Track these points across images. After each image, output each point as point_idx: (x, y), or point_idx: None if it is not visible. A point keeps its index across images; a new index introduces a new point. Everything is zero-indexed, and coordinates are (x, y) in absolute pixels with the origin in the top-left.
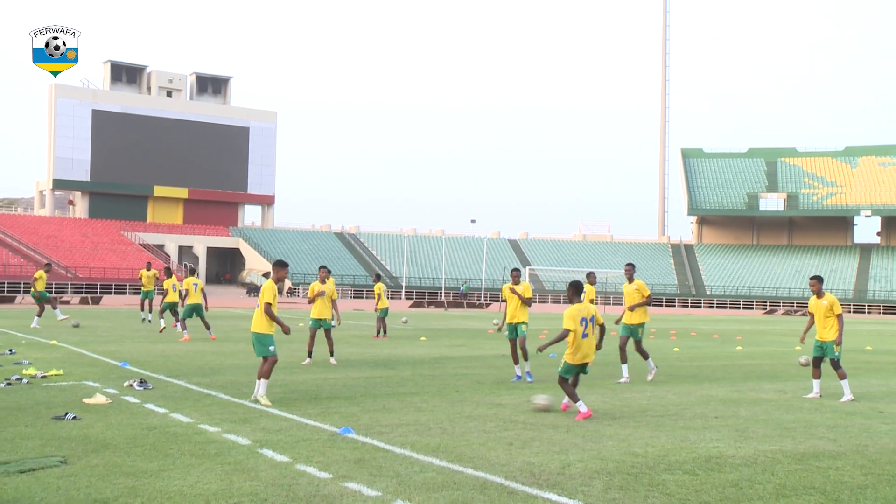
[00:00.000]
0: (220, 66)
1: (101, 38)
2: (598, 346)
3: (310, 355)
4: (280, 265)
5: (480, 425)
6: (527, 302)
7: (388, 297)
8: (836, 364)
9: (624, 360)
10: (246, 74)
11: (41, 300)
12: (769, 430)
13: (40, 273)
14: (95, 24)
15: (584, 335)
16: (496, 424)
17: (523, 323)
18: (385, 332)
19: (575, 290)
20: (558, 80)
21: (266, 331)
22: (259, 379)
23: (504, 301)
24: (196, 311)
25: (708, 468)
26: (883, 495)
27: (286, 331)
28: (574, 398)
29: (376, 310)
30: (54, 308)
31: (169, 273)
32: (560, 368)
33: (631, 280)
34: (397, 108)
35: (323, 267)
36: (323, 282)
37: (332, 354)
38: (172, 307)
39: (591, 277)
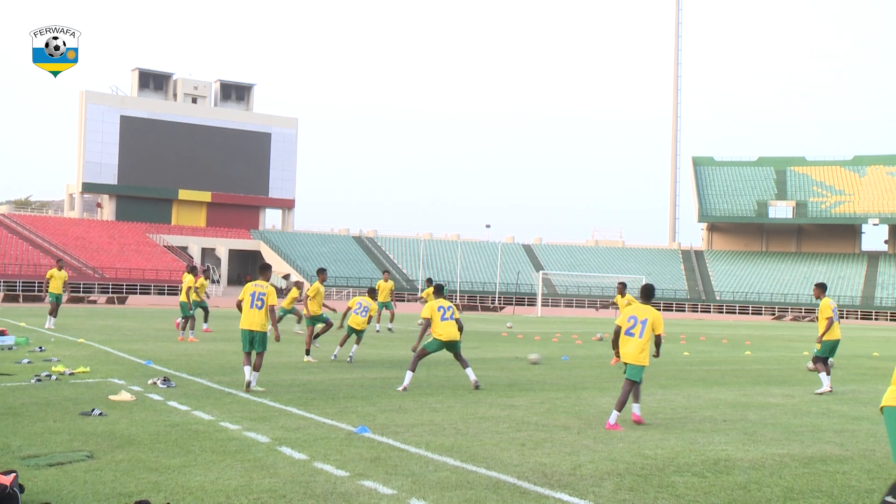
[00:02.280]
0: (243, 73)
1: (130, 46)
2: (655, 354)
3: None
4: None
5: (494, 426)
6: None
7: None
8: (816, 359)
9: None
10: (268, 82)
11: (57, 301)
12: (777, 434)
13: (52, 272)
14: (125, 33)
15: (629, 333)
16: (509, 425)
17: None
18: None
19: (643, 293)
20: (572, 89)
21: (267, 329)
22: (256, 371)
23: None
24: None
25: (716, 471)
26: None
27: (277, 338)
28: (618, 405)
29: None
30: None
31: (195, 272)
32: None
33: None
34: (415, 115)
35: (286, 276)
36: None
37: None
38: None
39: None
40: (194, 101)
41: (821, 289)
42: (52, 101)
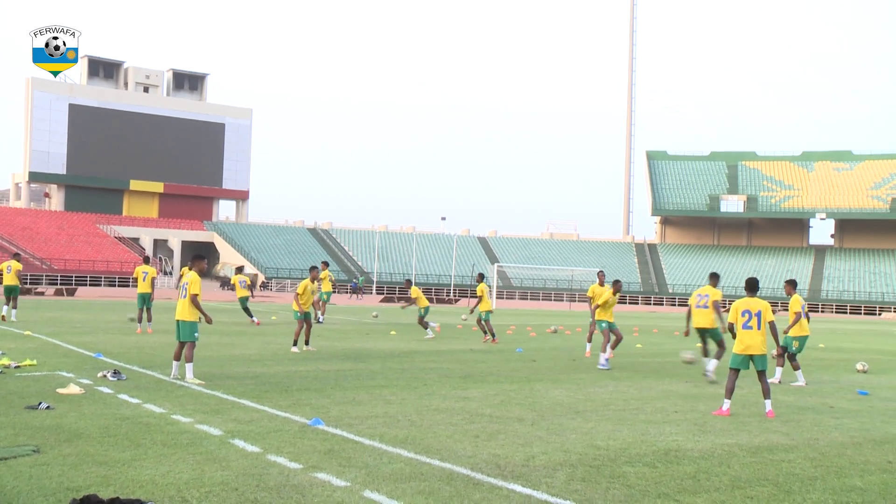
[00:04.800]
0: (196, 63)
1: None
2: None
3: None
4: (200, 258)
5: (448, 418)
6: None
7: (490, 298)
8: (792, 356)
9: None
10: (222, 71)
11: (10, 293)
12: (726, 425)
13: (13, 263)
14: (73, 19)
15: (748, 327)
16: (463, 417)
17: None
18: (489, 333)
19: (748, 286)
20: (528, 83)
21: (194, 318)
22: (188, 363)
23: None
24: (144, 300)
25: (667, 461)
26: (831, 486)
27: (209, 321)
28: (727, 393)
29: (479, 311)
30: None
31: (147, 261)
32: (730, 360)
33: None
34: (370, 107)
35: (240, 268)
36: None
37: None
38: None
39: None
40: (146, 90)
41: (792, 285)
42: None
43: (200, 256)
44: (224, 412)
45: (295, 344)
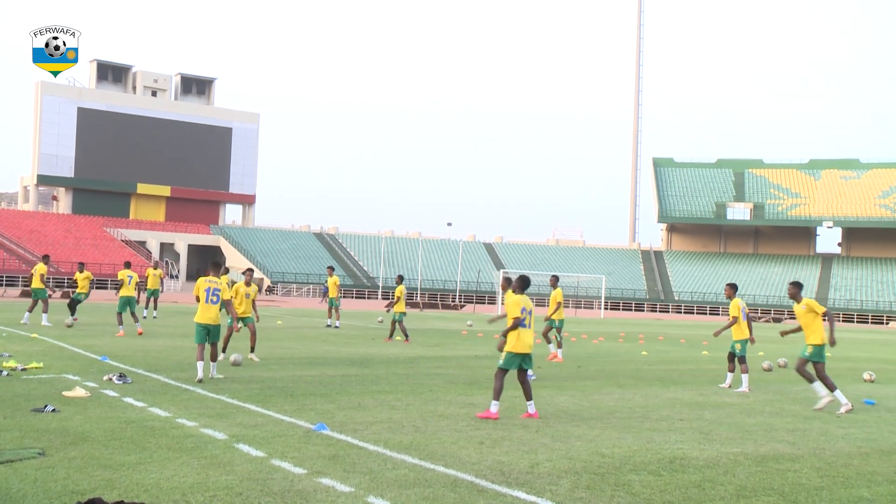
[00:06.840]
0: (204, 67)
1: (87, 38)
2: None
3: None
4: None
5: (452, 424)
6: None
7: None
8: (741, 359)
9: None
10: (230, 76)
11: (37, 297)
12: (732, 433)
13: (39, 266)
14: (82, 24)
15: (525, 325)
16: (468, 423)
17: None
18: (403, 335)
19: (522, 283)
20: (536, 89)
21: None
22: (213, 361)
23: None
24: (129, 303)
25: (672, 469)
26: (838, 497)
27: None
28: (496, 395)
29: (394, 312)
30: (44, 311)
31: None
32: (502, 361)
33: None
34: (377, 112)
35: (246, 271)
36: (248, 284)
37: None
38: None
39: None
40: (154, 94)
41: (732, 289)
42: (6, 91)
43: (220, 262)
44: (229, 416)
45: (223, 351)
